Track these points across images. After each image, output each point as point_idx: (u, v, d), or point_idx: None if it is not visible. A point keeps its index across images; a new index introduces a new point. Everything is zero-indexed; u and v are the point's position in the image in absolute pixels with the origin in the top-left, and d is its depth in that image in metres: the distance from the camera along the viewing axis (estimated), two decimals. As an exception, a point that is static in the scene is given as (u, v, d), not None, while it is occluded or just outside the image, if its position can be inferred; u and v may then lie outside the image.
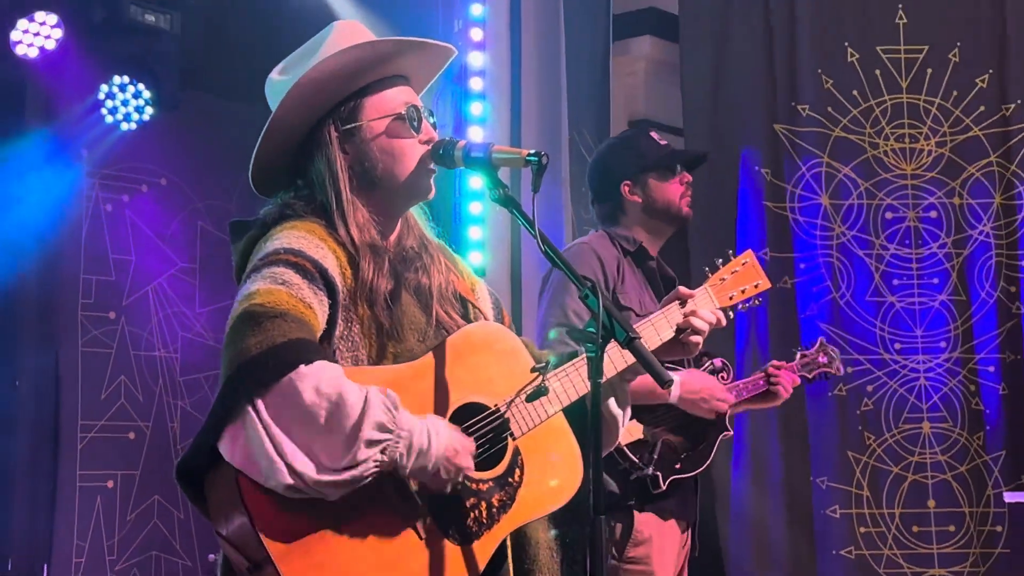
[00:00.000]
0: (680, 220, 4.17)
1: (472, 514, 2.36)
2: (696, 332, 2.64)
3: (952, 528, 5.94)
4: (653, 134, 4.28)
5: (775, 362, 4.18)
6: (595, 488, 2.21)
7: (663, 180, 4.11)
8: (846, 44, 6.23)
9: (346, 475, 2.17)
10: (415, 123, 2.51)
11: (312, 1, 5.49)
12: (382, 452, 2.20)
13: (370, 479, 2.21)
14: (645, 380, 2.60)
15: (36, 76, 5.40)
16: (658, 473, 3.80)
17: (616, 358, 2.55)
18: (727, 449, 5.93)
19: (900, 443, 6.02)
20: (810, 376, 4.29)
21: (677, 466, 3.89)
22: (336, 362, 2.33)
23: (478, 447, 2.39)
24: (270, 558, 2.19)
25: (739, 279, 2.85)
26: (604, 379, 2.45)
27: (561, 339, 3.58)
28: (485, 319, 2.64)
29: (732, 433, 4.12)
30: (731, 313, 2.83)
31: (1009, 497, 5.70)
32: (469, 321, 2.58)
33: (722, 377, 4.03)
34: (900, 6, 6.22)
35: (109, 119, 5.55)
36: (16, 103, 5.50)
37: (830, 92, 6.20)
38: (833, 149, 6.18)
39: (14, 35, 5.18)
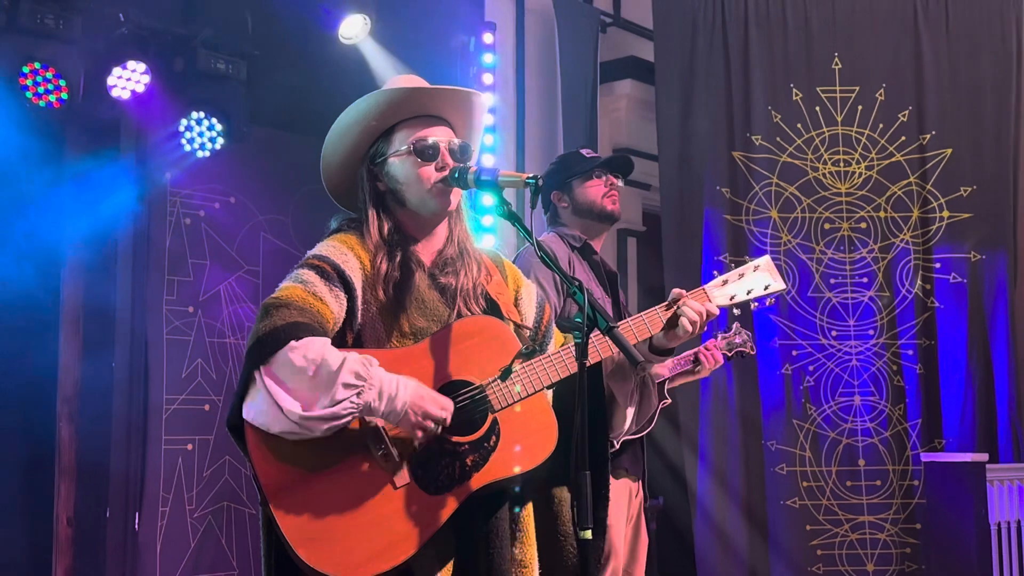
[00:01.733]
0: (606, 215, 4.08)
1: (446, 471, 2.39)
2: (689, 322, 2.58)
3: (879, 483, 5.97)
4: (583, 151, 4.26)
5: (707, 344, 4.13)
6: (580, 449, 2.23)
7: (584, 183, 4.06)
8: (792, 85, 6.25)
9: (327, 411, 2.25)
10: (427, 154, 2.53)
11: (352, 54, 5.52)
12: (357, 395, 2.27)
13: (349, 419, 2.28)
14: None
15: (128, 113, 5.35)
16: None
17: (602, 348, 2.53)
18: (695, 417, 5.97)
19: (836, 413, 6.05)
20: (730, 354, 4.25)
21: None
22: (348, 345, 2.41)
23: (460, 417, 2.41)
24: (264, 495, 2.31)
25: (746, 282, 2.73)
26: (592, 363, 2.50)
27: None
28: (519, 316, 2.66)
29: (670, 401, 4.06)
30: (735, 310, 2.78)
31: (924, 457, 5.74)
32: (496, 316, 2.58)
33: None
34: (836, 54, 6.25)
35: (187, 148, 5.50)
36: (112, 136, 5.47)
37: (778, 125, 6.22)
38: (781, 172, 6.21)
39: (110, 80, 5.16)
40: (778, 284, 2.76)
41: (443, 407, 2.36)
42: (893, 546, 5.90)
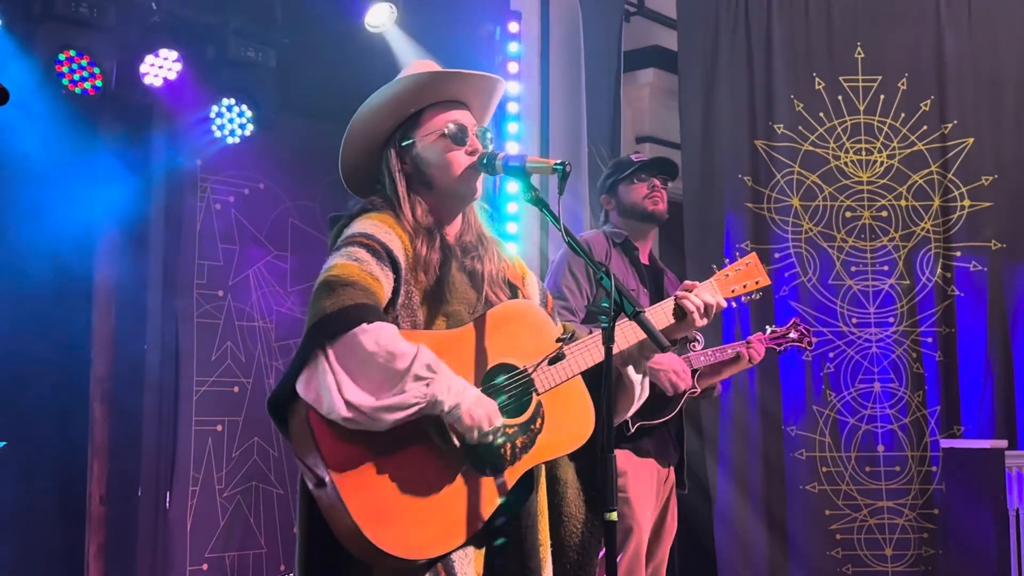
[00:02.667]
0: (647, 215, 4.23)
1: (500, 451, 2.40)
2: (699, 311, 2.62)
3: (897, 468, 5.97)
4: (633, 155, 4.42)
5: (749, 339, 4.28)
6: (607, 432, 2.26)
7: (628, 186, 4.22)
8: (814, 74, 6.24)
9: (396, 399, 2.23)
10: (458, 138, 2.53)
11: (380, 42, 5.54)
12: (427, 386, 2.25)
13: (415, 411, 2.25)
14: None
15: (160, 100, 5.40)
16: (627, 419, 3.78)
17: (629, 334, 2.57)
18: (716, 405, 5.99)
19: (856, 399, 6.05)
20: (779, 348, 4.35)
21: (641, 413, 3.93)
22: (397, 325, 2.38)
23: (508, 399, 2.44)
24: (330, 475, 2.26)
25: (742, 276, 2.84)
26: (619, 350, 2.53)
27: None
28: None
29: (698, 391, 4.16)
30: (734, 303, 2.92)
31: (943, 443, 5.73)
32: None
33: (693, 346, 4.07)
34: (859, 43, 6.23)
35: (218, 134, 5.53)
36: (145, 122, 5.52)
37: (801, 114, 6.21)
38: (803, 160, 6.20)
39: (143, 68, 5.19)
40: (764, 279, 2.91)
41: (493, 421, 2.35)
42: (911, 531, 5.91)
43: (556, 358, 2.48)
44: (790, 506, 5.95)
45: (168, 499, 5.45)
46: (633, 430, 3.95)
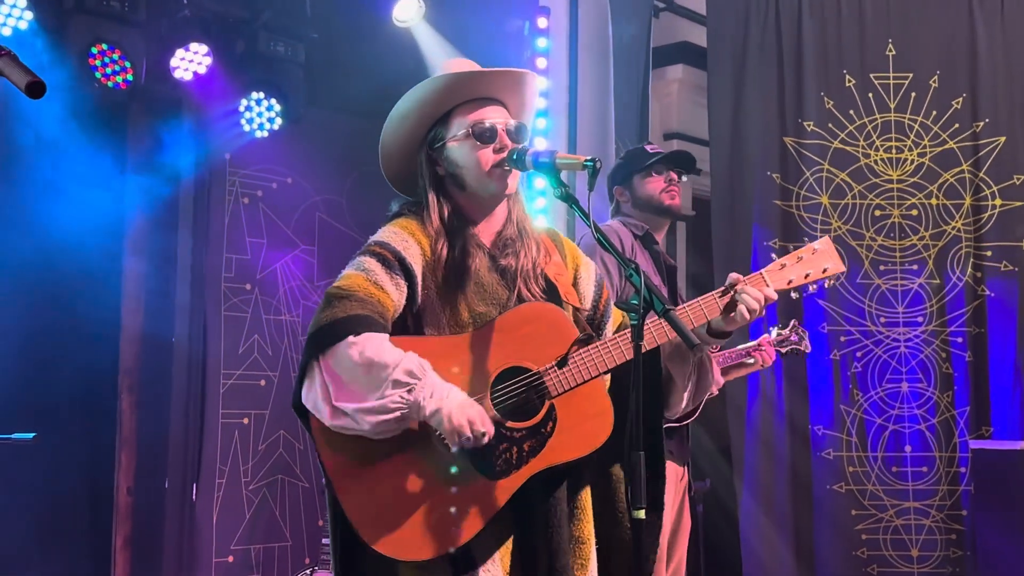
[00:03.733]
0: (665, 210, 4.17)
1: (503, 456, 2.40)
2: (748, 308, 2.53)
3: (925, 469, 5.93)
4: (647, 146, 4.34)
5: (761, 341, 4.23)
6: (635, 429, 2.24)
7: (644, 178, 4.17)
8: (845, 71, 6.19)
9: (376, 403, 2.27)
10: (485, 137, 2.53)
11: (409, 37, 5.54)
12: (407, 392, 2.28)
13: (398, 415, 2.28)
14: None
15: (190, 94, 5.44)
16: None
17: (659, 333, 2.52)
18: (742, 404, 5.96)
19: (883, 399, 6.01)
20: (783, 351, 4.28)
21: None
22: (409, 329, 2.44)
23: (516, 403, 2.43)
24: (329, 477, 2.36)
25: (805, 265, 2.64)
26: (646, 349, 2.48)
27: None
28: (578, 297, 2.65)
29: (716, 392, 4.11)
30: (794, 293, 2.72)
31: (972, 444, 5.69)
32: (554, 299, 2.58)
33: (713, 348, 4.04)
34: (890, 40, 6.18)
35: (246, 128, 5.57)
36: (174, 115, 5.56)
37: (831, 111, 6.17)
38: (832, 158, 6.15)
39: (173, 61, 5.23)
40: (837, 266, 2.68)
41: (484, 424, 2.33)
42: (938, 532, 5.87)
43: (563, 361, 2.46)
44: (816, 506, 5.92)
45: (195, 491, 5.48)
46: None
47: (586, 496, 2.59)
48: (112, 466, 5.45)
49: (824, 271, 2.67)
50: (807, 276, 2.66)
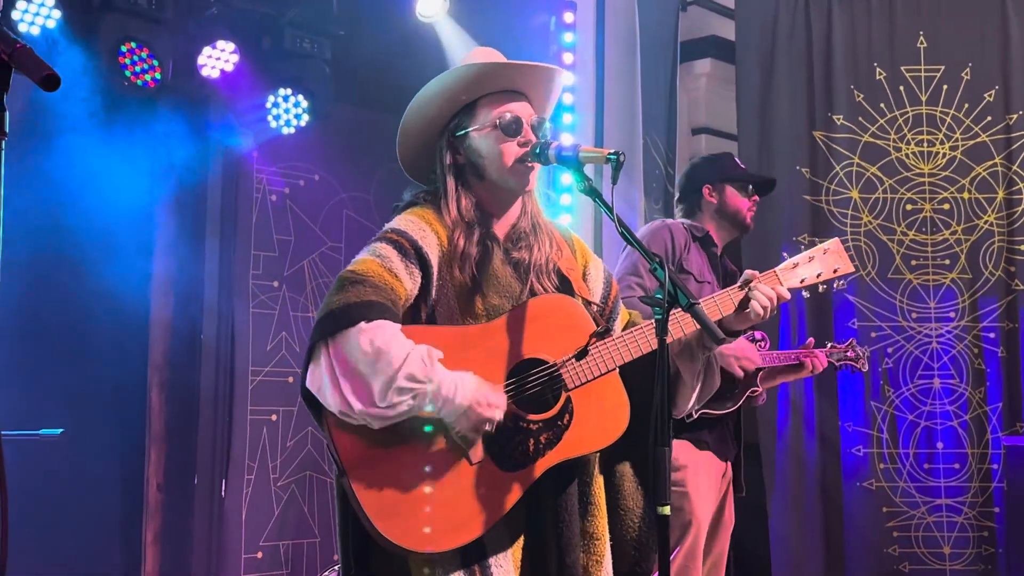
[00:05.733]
0: (743, 228, 4.29)
1: (520, 447, 2.40)
2: (760, 305, 2.55)
3: (957, 466, 5.90)
4: (737, 159, 4.43)
5: (812, 345, 4.24)
6: (659, 424, 2.21)
7: (739, 193, 4.23)
8: (875, 64, 6.17)
9: (383, 412, 2.27)
10: (511, 130, 2.52)
11: (433, 33, 5.55)
12: (412, 398, 2.27)
13: (406, 415, 2.28)
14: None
15: (217, 91, 5.47)
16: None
17: (683, 325, 2.53)
18: (773, 401, 5.94)
19: (915, 395, 5.98)
20: (837, 364, 4.33)
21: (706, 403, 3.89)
22: (422, 321, 2.42)
23: (533, 395, 2.43)
24: (343, 466, 2.32)
25: (816, 264, 2.70)
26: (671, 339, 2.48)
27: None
28: (588, 292, 2.64)
29: (760, 390, 4.11)
30: (806, 292, 2.80)
31: (1005, 441, 5.66)
32: (568, 293, 2.58)
33: (760, 345, 4.04)
34: (921, 33, 6.14)
35: (273, 124, 5.59)
36: (201, 113, 5.59)
37: (861, 104, 6.15)
38: (863, 152, 6.13)
39: (200, 59, 5.25)
40: (847, 267, 2.75)
41: (497, 406, 2.34)
42: (971, 529, 5.83)
43: (582, 353, 2.46)
44: (847, 502, 5.90)
45: (224, 487, 5.51)
46: (696, 416, 3.90)
47: (599, 491, 2.58)
48: (142, 462, 5.49)
49: (835, 271, 2.73)
50: (818, 276, 2.71)
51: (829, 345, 4.38)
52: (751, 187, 4.26)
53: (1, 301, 4.32)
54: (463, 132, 2.56)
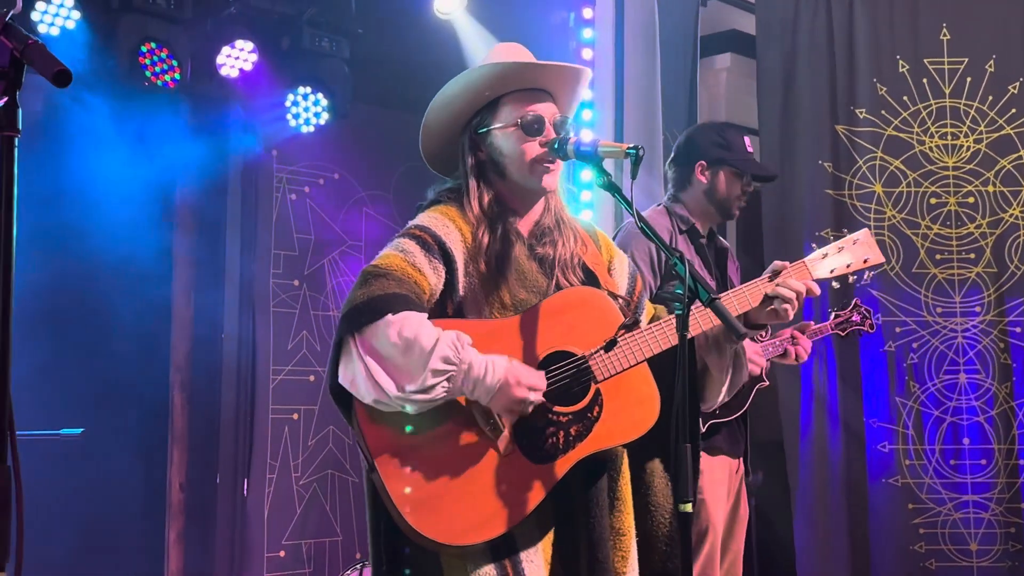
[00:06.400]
0: (728, 216, 4.05)
1: (550, 440, 2.40)
2: (784, 300, 2.55)
3: (983, 462, 5.85)
4: (747, 138, 4.12)
5: (795, 332, 4.00)
6: (680, 422, 2.21)
7: (733, 178, 3.99)
8: (898, 57, 6.12)
9: (419, 396, 2.28)
10: (533, 129, 2.53)
11: (450, 33, 5.55)
12: (448, 380, 2.29)
13: (442, 401, 2.30)
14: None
15: (236, 91, 5.49)
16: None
17: (703, 320, 2.51)
18: (794, 397, 5.91)
19: (940, 391, 5.94)
20: (843, 333, 4.21)
21: (716, 411, 3.83)
22: (449, 317, 2.44)
23: (562, 387, 2.43)
24: (373, 460, 2.33)
25: (846, 255, 2.68)
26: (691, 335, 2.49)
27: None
28: (615, 285, 2.65)
29: (768, 383, 4.03)
30: (836, 283, 2.77)
31: (1033, 436, 5.62)
32: (594, 286, 2.58)
33: (759, 336, 3.89)
34: (944, 25, 6.10)
35: (293, 123, 5.61)
36: (220, 113, 5.62)
37: (884, 98, 6.10)
38: (886, 146, 6.08)
39: (219, 59, 5.28)
40: (877, 257, 2.72)
41: (533, 386, 2.36)
42: (998, 526, 5.79)
43: (610, 344, 2.46)
44: (872, 500, 5.86)
45: (246, 487, 5.54)
46: (705, 428, 3.87)
47: (626, 487, 2.58)
48: (164, 462, 5.52)
49: (865, 261, 2.70)
50: (848, 266, 2.69)
51: (833, 315, 4.28)
52: (750, 179, 4.04)
53: (22, 302, 4.34)
54: (485, 129, 2.58)
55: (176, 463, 5.54)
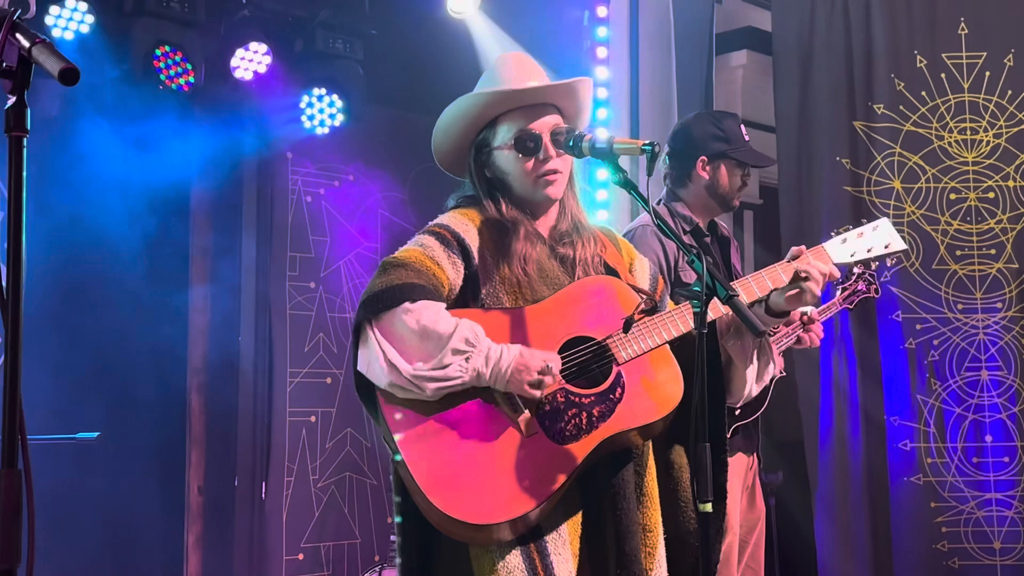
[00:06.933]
0: (729, 208, 4.02)
1: (573, 421, 2.42)
2: (809, 278, 2.52)
3: (1007, 459, 5.82)
4: (743, 127, 4.06)
5: (805, 318, 3.81)
6: (698, 419, 2.20)
7: (733, 170, 3.94)
8: (916, 52, 6.09)
9: (436, 372, 2.32)
10: (528, 149, 2.57)
11: (464, 33, 5.55)
12: (465, 360, 2.32)
13: (459, 384, 2.33)
14: None
15: (250, 94, 5.52)
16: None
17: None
18: (815, 395, 5.89)
19: (962, 388, 5.90)
20: (852, 306, 4.16)
21: (736, 412, 3.83)
22: (468, 306, 2.47)
23: (582, 370, 2.46)
24: (396, 444, 2.37)
25: (866, 240, 2.67)
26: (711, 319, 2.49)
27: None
28: (636, 285, 2.66)
29: (784, 375, 4.00)
30: (857, 268, 2.74)
31: (1055, 433, 5.59)
32: None
33: (772, 330, 3.87)
34: (962, 19, 6.06)
35: (307, 125, 5.63)
36: (235, 115, 5.64)
37: (902, 93, 6.07)
38: (904, 141, 6.05)
39: (233, 62, 5.30)
40: (898, 243, 2.68)
41: (547, 367, 2.38)
42: (1021, 524, 5.75)
43: (628, 323, 2.47)
44: (893, 498, 5.83)
45: (264, 489, 5.56)
46: (729, 434, 3.84)
47: (652, 483, 2.58)
48: (182, 465, 5.54)
49: (886, 247, 2.67)
50: (869, 251, 2.67)
51: (839, 289, 4.23)
52: (749, 168, 3.97)
53: (40, 306, 4.36)
54: (488, 149, 2.63)
55: (194, 466, 5.56)
